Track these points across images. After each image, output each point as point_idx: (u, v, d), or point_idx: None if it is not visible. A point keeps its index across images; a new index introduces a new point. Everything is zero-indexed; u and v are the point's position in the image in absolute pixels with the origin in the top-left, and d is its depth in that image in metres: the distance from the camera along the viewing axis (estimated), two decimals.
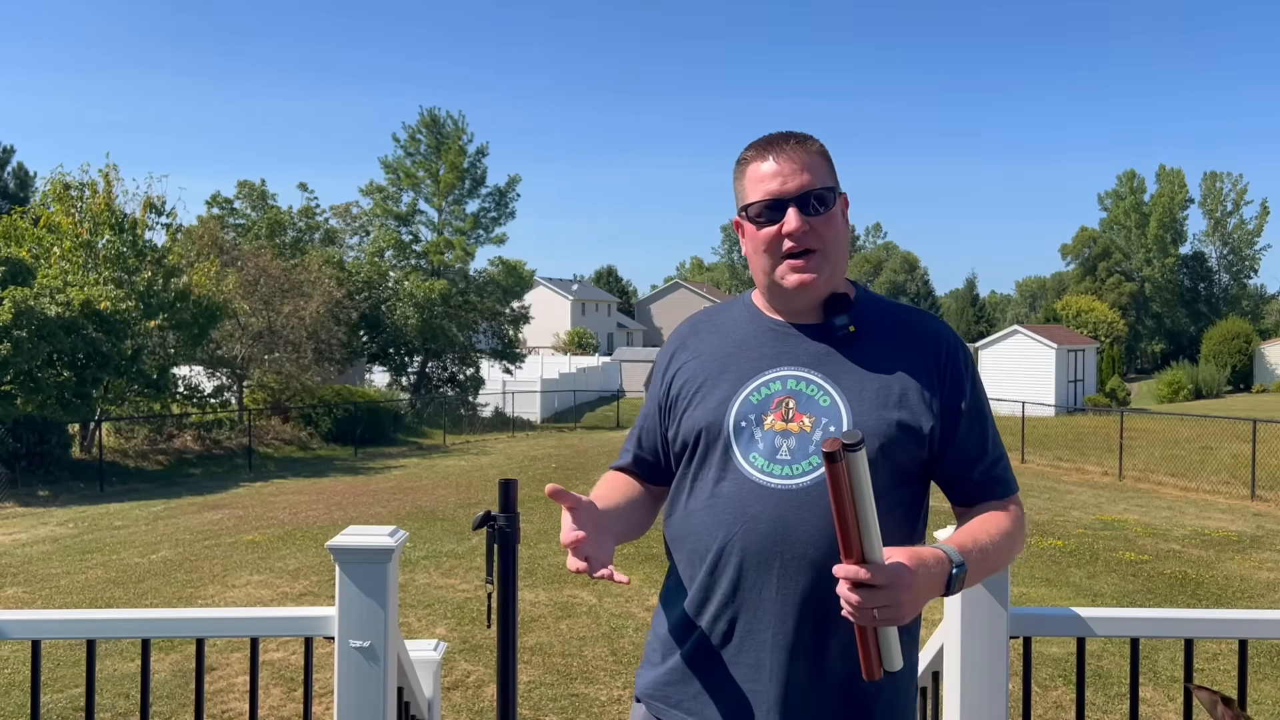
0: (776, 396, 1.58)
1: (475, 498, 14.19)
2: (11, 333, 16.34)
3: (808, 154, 1.59)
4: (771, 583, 1.52)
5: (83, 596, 8.42)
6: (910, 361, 1.60)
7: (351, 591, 2.18)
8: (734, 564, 1.54)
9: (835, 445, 1.26)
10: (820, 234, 1.58)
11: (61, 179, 20.36)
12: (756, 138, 1.66)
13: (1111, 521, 11.90)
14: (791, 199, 1.57)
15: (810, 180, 1.57)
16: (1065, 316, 50.08)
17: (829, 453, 1.26)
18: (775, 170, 1.58)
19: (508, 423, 31.52)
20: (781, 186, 1.57)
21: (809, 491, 1.52)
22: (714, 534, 1.56)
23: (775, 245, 1.59)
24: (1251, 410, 25.35)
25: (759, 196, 1.59)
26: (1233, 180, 69.27)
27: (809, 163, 1.59)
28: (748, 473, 1.55)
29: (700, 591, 1.59)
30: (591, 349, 56.45)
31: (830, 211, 1.59)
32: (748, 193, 1.62)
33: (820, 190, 1.58)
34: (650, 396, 1.78)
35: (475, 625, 6.96)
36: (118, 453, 19.56)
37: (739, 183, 1.65)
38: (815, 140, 1.63)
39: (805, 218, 1.57)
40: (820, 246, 1.58)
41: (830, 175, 1.61)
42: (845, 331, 1.61)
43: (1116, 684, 5.65)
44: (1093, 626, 2.24)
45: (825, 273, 1.59)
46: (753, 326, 1.67)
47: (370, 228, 35.67)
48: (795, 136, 1.62)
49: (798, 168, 1.58)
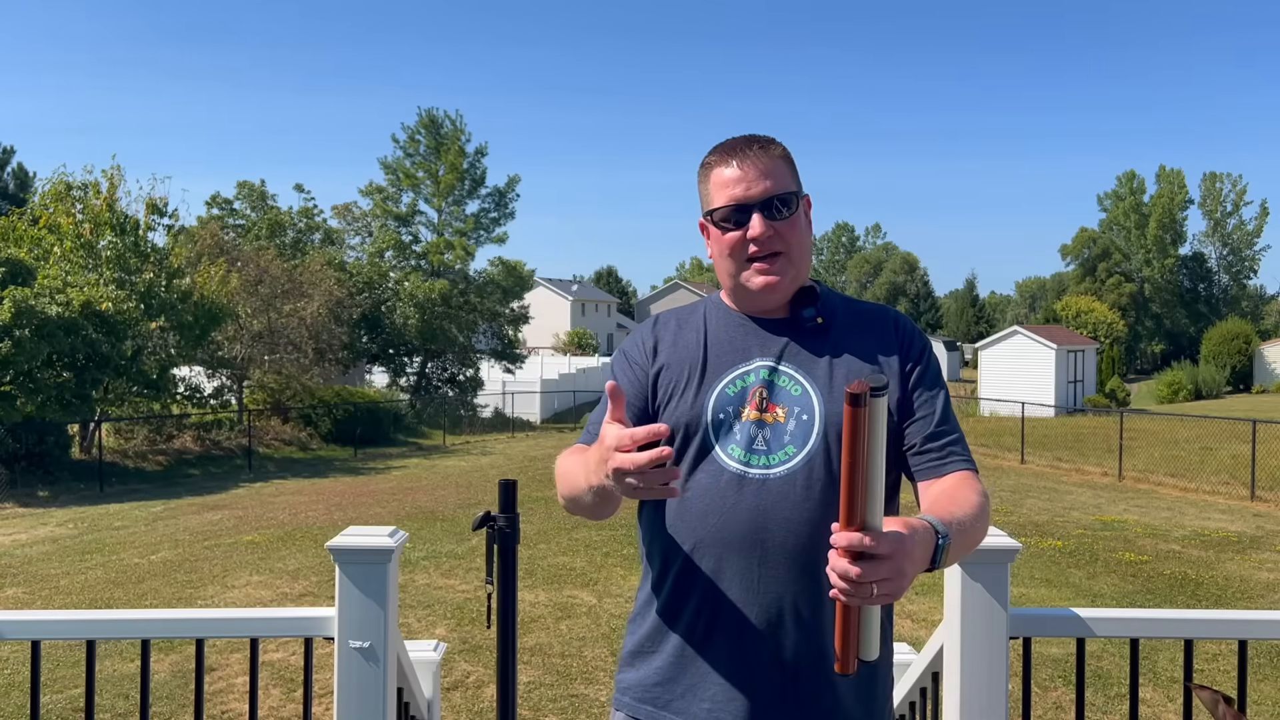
0: (751, 388, 1.60)
1: (475, 498, 14.19)
2: (12, 333, 16.34)
3: (770, 159, 1.61)
4: (753, 572, 1.53)
5: (82, 597, 8.42)
6: (871, 343, 1.64)
7: (351, 592, 2.18)
8: (714, 555, 1.55)
9: (863, 388, 1.17)
10: (784, 237, 1.60)
11: (64, 179, 20.37)
12: (715, 145, 1.67)
13: (1111, 522, 11.90)
14: (755, 204, 1.58)
15: (773, 185, 1.59)
16: (1065, 317, 50.07)
17: (854, 394, 1.17)
18: (739, 176, 1.60)
19: (508, 423, 31.54)
20: (746, 192, 1.59)
21: (786, 480, 1.54)
22: (693, 526, 1.57)
23: (740, 249, 1.61)
24: (1251, 411, 25.35)
25: (723, 201, 1.61)
26: (1232, 181, 69.28)
27: (771, 168, 1.60)
28: (725, 463, 1.57)
29: (681, 585, 1.59)
30: (591, 349, 56.45)
31: (794, 215, 1.61)
32: (712, 198, 1.64)
33: (784, 194, 1.60)
34: (623, 373, 1.70)
35: (475, 626, 6.96)
36: (117, 453, 19.56)
37: (703, 186, 1.67)
38: (778, 144, 1.65)
39: (769, 222, 1.59)
40: (785, 249, 1.61)
41: (793, 179, 1.63)
42: (813, 323, 1.64)
43: (1116, 684, 5.65)
44: (1092, 627, 2.24)
45: (790, 274, 1.62)
46: (723, 322, 1.69)
47: (371, 228, 35.66)
48: (758, 141, 1.64)
49: (760, 173, 1.59)
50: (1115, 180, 71.86)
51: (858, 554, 1.20)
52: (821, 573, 1.48)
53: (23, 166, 44.29)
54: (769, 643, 1.54)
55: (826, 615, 1.53)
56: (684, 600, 1.59)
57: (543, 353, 46.28)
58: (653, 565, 1.66)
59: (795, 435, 1.55)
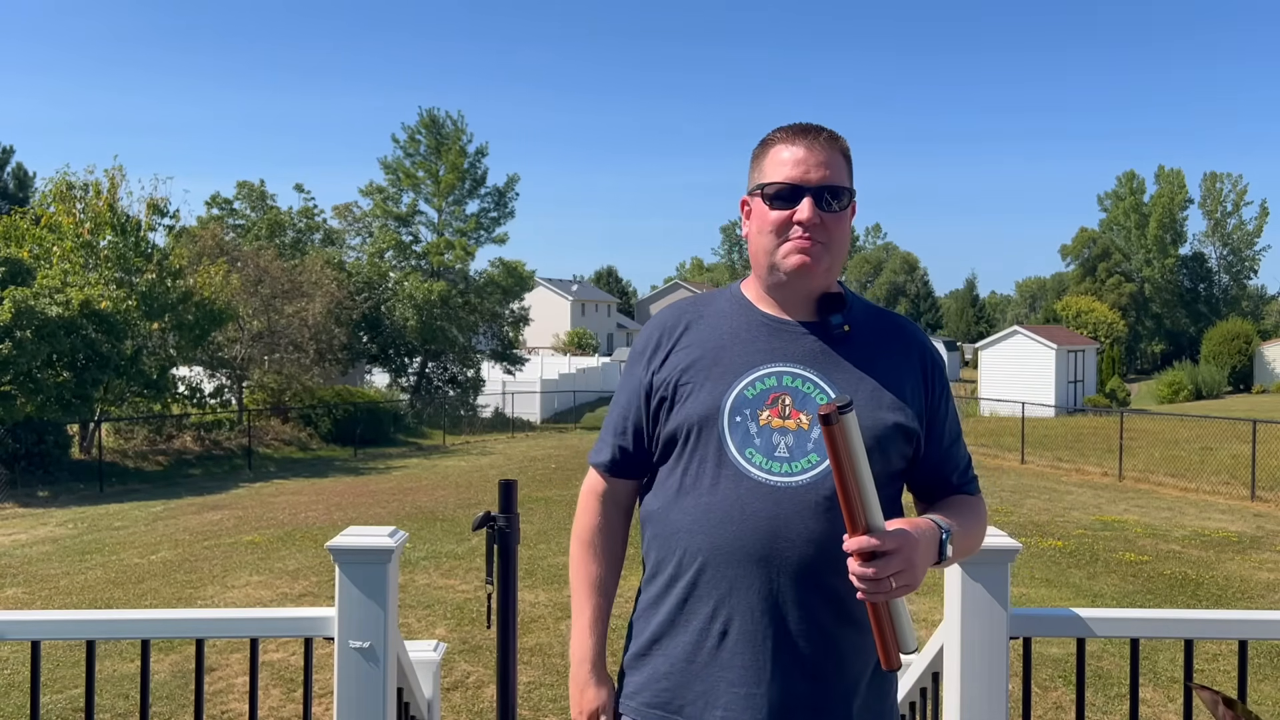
0: (772, 392, 1.57)
1: (475, 498, 14.19)
2: (12, 333, 16.34)
3: (834, 150, 1.61)
4: (772, 581, 1.51)
5: (82, 597, 8.41)
6: (900, 364, 1.64)
7: (351, 592, 2.18)
8: (732, 562, 1.52)
9: (830, 408, 1.31)
10: (829, 229, 1.59)
11: (65, 179, 20.35)
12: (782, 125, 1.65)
13: (1111, 522, 11.90)
14: (810, 189, 1.57)
15: (831, 175, 1.59)
16: (1065, 317, 50.03)
17: (824, 414, 1.31)
18: (801, 157, 1.59)
19: (508, 423, 31.52)
20: (804, 175, 1.58)
21: (809, 488, 1.52)
22: (710, 531, 1.54)
23: (783, 229, 1.59)
24: (1251, 411, 25.34)
25: (778, 178, 1.59)
26: (1232, 181, 69.24)
27: (833, 159, 1.60)
28: (745, 469, 1.54)
29: (694, 590, 1.56)
30: (591, 349, 56.44)
31: (843, 210, 1.61)
32: (766, 172, 1.62)
33: (838, 187, 1.59)
34: (631, 382, 1.71)
35: (475, 626, 6.95)
36: (117, 453, 19.55)
37: (758, 161, 1.65)
38: (843, 140, 1.65)
39: (818, 210, 1.57)
40: (826, 240, 1.59)
41: (849, 176, 1.63)
42: (840, 331, 1.62)
43: (1116, 685, 5.65)
44: (1093, 627, 2.24)
45: (825, 263, 1.60)
46: (745, 320, 1.66)
47: (371, 228, 35.65)
48: (827, 131, 1.63)
49: (822, 160, 1.59)
50: (1115, 180, 71.83)
51: (869, 555, 1.35)
52: (841, 582, 1.48)
53: (22, 166, 44.33)
54: (786, 652, 1.51)
55: (844, 625, 1.53)
56: (697, 606, 1.56)
57: (543, 353, 46.29)
58: (662, 567, 1.62)
59: (819, 444, 1.53)
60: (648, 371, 1.68)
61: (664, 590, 1.61)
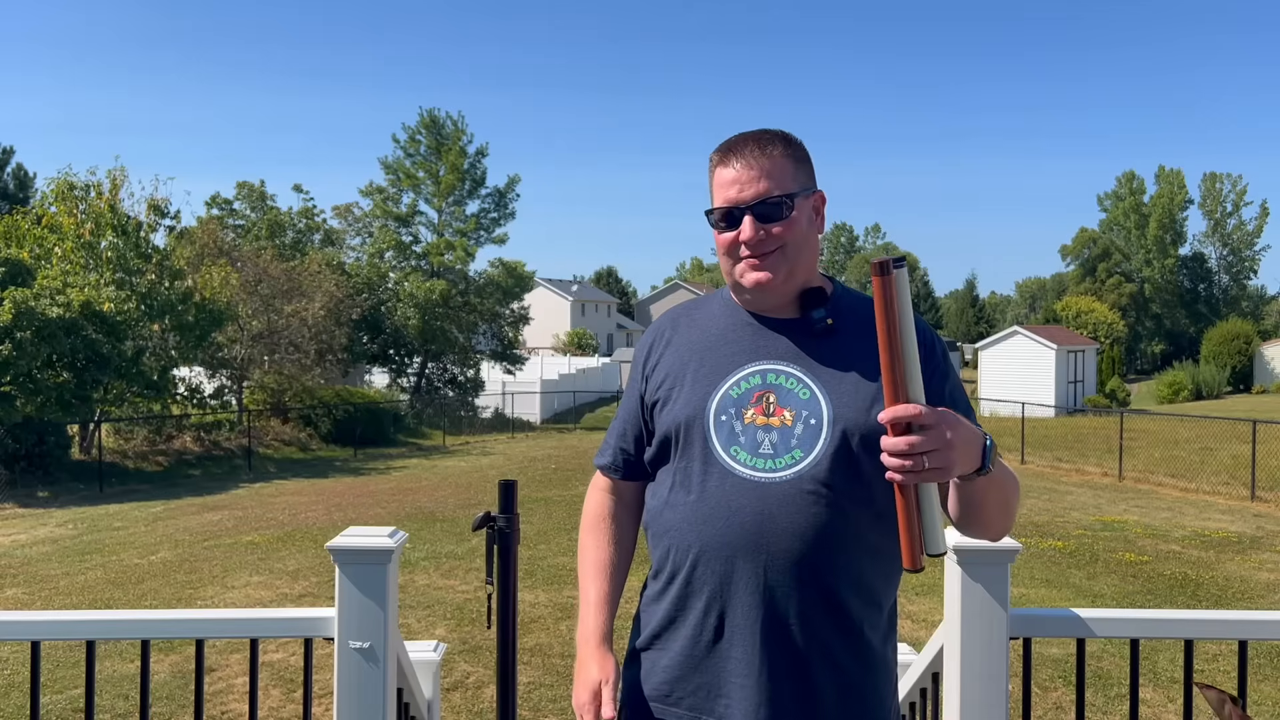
0: (756, 391, 1.59)
1: (475, 499, 14.19)
2: (12, 334, 16.33)
3: (768, 159, 1.58)
4: (759, 575, 1.53)
5: (82, 597, 8.41)
6: None
7: (351, 593, 2.18)
8: (721, 558, 1.55)
9: (885, 259, 1.26)
10: (781, 236, 1.58)
11: (67, 180, 20.35)
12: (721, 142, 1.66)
13: (1111, 522, 11.90)
14: (746, 208, 1.57)
15: (767, 188, 1.57)
16: (1065, 317, 50.06)
17: (880, 263, 1.26)
18: (732, 178, 1.59)
19: (508, 424, 31.53)
20: (739, 194, 1.58)
21: (793, 484, 1.53)
22: (699, 529, 1.58)
23: (734, 249, 1.61)
24: (1251, 411, 25.34)
25: (718, 203, 1.61)
26: (1232, 181, 69.27)
27: (770, 168, 1.58)
28: (730, 467, 1.56)
29: (689, 587, 1.59)
30: (591, 350, 56.43)
31: (789, 217, 1.58)
32: (712, 196, 1.65)
33: (777, 198, 1.57)
34: (630, 387, 1.78)
35: (475, 626, 6.96)
36: (117, 454, 19.55)
37: (710, 182, 1.67)
38: (778, 142, 1.61)
39: (761, 225, 1.57)
40: (780, 247, 1.59)
41: (794, 179, 1.60)
42: (823, 325, 1.62)
43: (1116, 685, 5.65)
44: (1093, 627, 2.24)
45: (783, 272, 1.59)
46: (730, 321, 1.68)
47: (371, 228, 35.65)
48: (757, 140, 1.61)
49: (755, 174, 1.57)
50: (1115, 180, 71.86)
51: (904, 428, 1.30)
52: (828, 576, 1.52)
53: (22, 166, 44.34)
54: (778, 645, 1.54)
55: (834, 617, 1.54)
56: (693, 601, 1.59)
57: (543, 353, 46.27)
58: (661, 565, 1.66)
59: (803, 439, 1.55)
60: (642, 376, 1.74)
61: (664, 587, 1.65)
